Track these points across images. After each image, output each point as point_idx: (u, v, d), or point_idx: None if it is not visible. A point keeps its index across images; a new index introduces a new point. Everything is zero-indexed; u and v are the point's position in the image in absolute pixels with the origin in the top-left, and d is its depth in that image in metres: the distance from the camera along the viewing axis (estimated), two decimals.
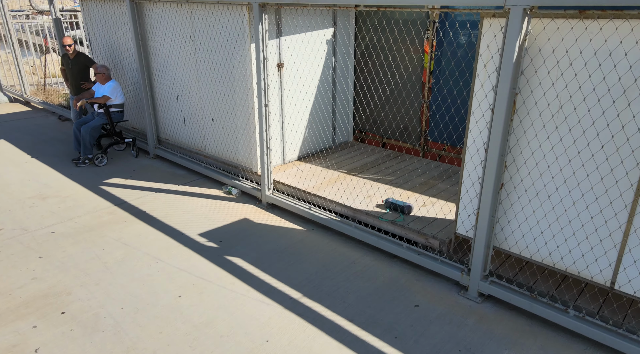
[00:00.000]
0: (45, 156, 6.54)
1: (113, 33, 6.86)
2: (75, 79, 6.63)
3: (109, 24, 6.85)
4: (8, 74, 11.70)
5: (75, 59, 6.57)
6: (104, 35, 7.07)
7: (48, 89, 11.27)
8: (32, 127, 7.96)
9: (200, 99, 5.77)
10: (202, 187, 5.66)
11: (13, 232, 4.41)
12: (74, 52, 6.54)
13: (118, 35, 6.76)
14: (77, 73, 6.60)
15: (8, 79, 11.49)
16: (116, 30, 6.76)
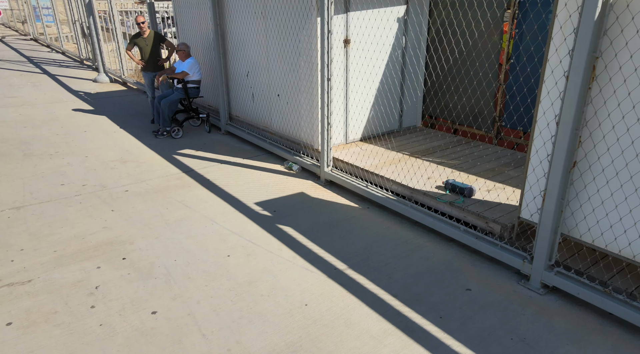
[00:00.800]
0: (131, 128, 7.13)
1: (196, 14, 7.26)
2: (152, 55, 7.11)
3: (193, 6, 7.26)
4: (112, 61, 12.97)
5: (149, 37, 7.04)
6: (189, 18, 7.51)
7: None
8: (124, 104, 8.72)
9: (268, 75, 5.90)
10: (265, 162, 5.79)
11: (94, 188, 4.85)
12: (148, 31, 7.02)
13: (200, 16, 7.14)
14: (153, 50, 7.08)
15: (112, 65, 12.72)
16: (199, 12, 7.14)
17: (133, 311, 2.92)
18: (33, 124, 7.07)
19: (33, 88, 9.71)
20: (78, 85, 10.24)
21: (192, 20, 7.42)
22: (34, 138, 6.41)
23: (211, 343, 2.67)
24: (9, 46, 16.68)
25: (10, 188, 4.75)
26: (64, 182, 4.97)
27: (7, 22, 25.20)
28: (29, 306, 2.93)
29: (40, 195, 4.62)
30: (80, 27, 12.73)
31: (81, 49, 13.42)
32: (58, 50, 15.78)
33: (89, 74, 11.74)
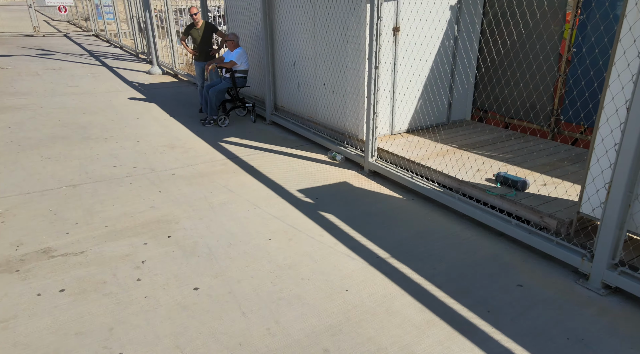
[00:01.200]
0: (180, 116, 7.33)
1: (246, 6, 7.35)
2: (204, 45, 7.27)
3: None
4: (165, 55, 13.48)
5: (202, 27, 7.20)
6: (239, 10, 7.62)
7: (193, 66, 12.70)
8: (175, 94, 9.01)
9: (314, 64, 5.87)
10: (309, 151, 5.77)
11: (144, 170, 5.01)
12: (201, 22, 7.18)
13: (250, 8, 7.23)
14: (204, 40, 7.24)
15: (165, 58, 13.22)
16: (249, 3, 7.23)
17: (176, 286, 2.97)
18: (91, 111, 7.43)
19: (92, 78, 10.24)
20: (133, 77, 10.68)
21: (242, 12, 7.53)
22: (91, 123, 6.73)
23: (250, 321, 2.66)
24: (73, 41, 17.72)
25: (69, 168, 5.00)
26: (117, 164, 5.17)
27: (72, 19, 26.81)
28: (81, 275, 3.05)
29: (95, 175, 4.83)
30: (137, 23, 13.29)
31: (137, 44, 14.01)
32: (116, 45, 16.59)
33: (143, 67, 12.23)
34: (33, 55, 13.39)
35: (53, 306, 2.73)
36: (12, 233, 3.58)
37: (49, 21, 28.33)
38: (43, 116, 7.01)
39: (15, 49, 14.60)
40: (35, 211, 3.96)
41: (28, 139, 5.88)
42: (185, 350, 2.42)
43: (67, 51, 14.57)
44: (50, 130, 6.32)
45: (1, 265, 3.14)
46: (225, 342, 2.49)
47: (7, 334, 2.48)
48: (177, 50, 11.06)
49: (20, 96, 8.30)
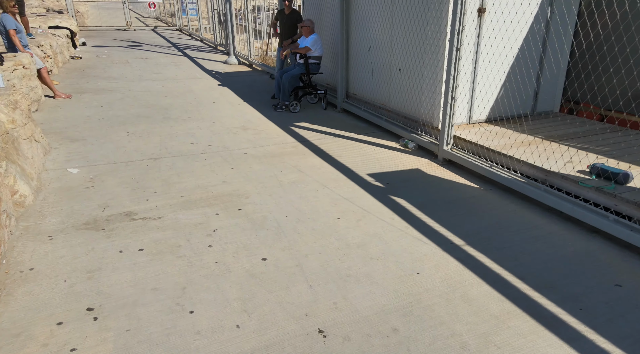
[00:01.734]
0: (253, 101, 7.50)
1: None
2: (287, 32, 7.39)
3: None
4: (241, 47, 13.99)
5: (289, 15, 7.30)
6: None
7: (267, 58, 13.01)
8: (249, 82, 9.26)
9: (390, 48, 5.70)
10: (380, 138, 5.63)
11: (218, 148, 5.17)
12: (290, 9, 7.27)
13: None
14: (288, 27, 7.34)
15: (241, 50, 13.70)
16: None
17: (245, 255, 2.99)
18: (172, 95, 7.84)
19: (175, 67, 10.83)
20: (211, 66, 11.15)
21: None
22: (172, 105, 7.09)
23: (317, 294, 2.60)
24: (159, 34, 18.94)
25: (151, 143, 5.28)
26: (193, 142, 5.38)
27: (159, 16, 28.76)
28: (158, 238, 3.18)
29: (173, 150, 5.06)
30: (218, 16, 13.87)
31: (216, 36, 14.63)
32: (197, 38, 17.46)
33: (220, 57, 12.74)
34: (124, 46, 14.47)
35: (132, 263, 2.86)
36: (100, 196, 3.83)
37: (140, 17, 30.61)
38: (130, 98, 7.51)
39: (110, 41, 15.88)
40: (120, 179, 4.22)
41: (117, 117, 6.32)
42: (253, 315, 2.41)
43: (154, 43, 15.58)
44: (136, 110, 6.74)
45: (89, 223, 3.37)
46: (292, 311, 2.45)
47: (92, 284, 2.64)
48: (253, 43, 11.42)
49: (112, 80, 8.98)
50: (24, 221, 3.36)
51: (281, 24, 7.46)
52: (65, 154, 4.83)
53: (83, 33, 18.11)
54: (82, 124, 5.92)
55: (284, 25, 7.41)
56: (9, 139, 3.85)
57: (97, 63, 10.97)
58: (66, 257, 2.90)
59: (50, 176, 4.25)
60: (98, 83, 8.60)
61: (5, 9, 6.66)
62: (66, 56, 10.94)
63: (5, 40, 6.75)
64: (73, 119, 6.16)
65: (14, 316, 2.34)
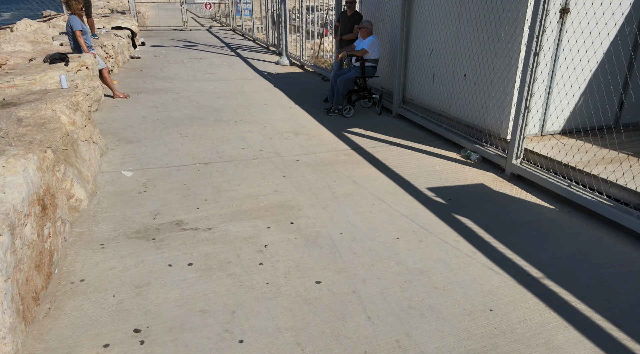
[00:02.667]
0: (305, 104, 7.34)
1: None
2: (347, 34, 7.18)
3: None
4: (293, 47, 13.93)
5: (351, 17, 7.08)
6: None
7: (319, 58, 12.86)
8: (301, 83, 9.12)
9: (455, 52, 5.32)
10: (439, 148, 5.28)
11: (269, 154, 5.02)
12: (352, 11, 7.05)
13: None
14: (349, 30, 7.12)
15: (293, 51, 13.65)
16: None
17: (298, 277, 2.79)
18: (224, 96, 7.84)
19: (227, 67, 10.91)
20: (263, 67, 11.14)
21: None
22: (224, 107, 7.06)
23: (377, 328, 2.34)
24: (214, 34, 19.33)
25: (202, 146, 5.23)
26: (244, 146, 5.27)
27: (214, 16, 29.47)
28: (208, 252, 3.05)
29: (224, 155, 4.97)
30: (272, 16, 13.88)
31: (269, 36, 14.67)
32: (250, 38, 17.64)
33: (272, 58, 12.72)
34: (180, 46, 14.83)
35: (181, 279, 2.73)
36: (152, 202, 3.77)
37: (196, 18, 31.54)
38: (184, 98, 7.57)
39: (167, 40, 16.36)
40: (171, 184, 4.16)
41: (170, 118, 6.36)
42: (307, 349, 2.19)
43: (208, 43, 15.88)
44: (190, 111, 6.76)
45: (140, 231, 3.29)
46: (350, 348, 2.21)
47: (140, 301, 2.53)
48: (305, 44, 11.31)
49: (167, 80, 9.14)
50: (77, 226, 3.34)
51: (342, 26, 7.25)
52: (120, 155, 4.86)
53: (143, 33, 18.81)
54: (138, 125, 5.99)
55: (344, 27, 7.21)
56: (68, 141, 3.88)
57: (154, 63, 11.26)
58: (116, 268, 2.82)
59: (105, 178, 4.26)
60: (154, 83, 8.77)
61: (73, 11, 6.89)
62: (126, 56, 11.31)
63: (71, 41, 6.99)
64: (129, 119, 6.26)
65: (62, 333, 2.25)
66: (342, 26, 7.21)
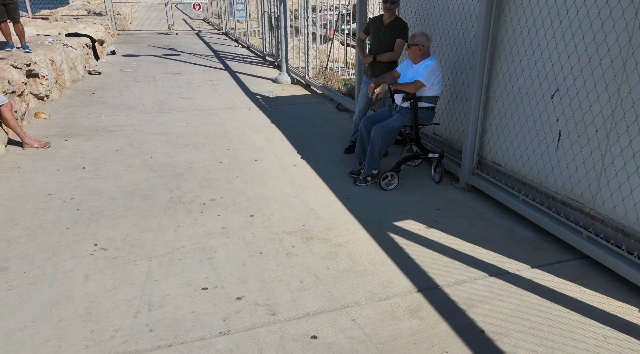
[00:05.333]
0: (317, 159, 4.79)
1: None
2: (382, 51, 4.56)
3: None
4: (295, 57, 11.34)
5: (390, 26, 4.48)
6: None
7: (328, 73, 10.29)
8: (307, 115, 6.57)
9: (614, 94, 2.76)
10: (587, 279, 2.74)
11: (255, 310, 2.47)
12: (391, 16, 4.47)
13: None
14: (385, 45, 4.53)
15: (295, 61, 11.06)
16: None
17: None
18: (196, 142, 5.29)
19: (211, 88, 8.35)
20: (257, 86, 8.58)
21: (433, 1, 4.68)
22: (191, 167, 4.51)
23: None
24: (202, 40, 16.77)
25: (126, 283, 2.68)
26: (209, 281, 2.72)
27: (207, 17, 26.89)
28: None
29: (167, 315, 2.42)
30: (269, 19, 11.33)
31: (265, 44, 12.12)
32: (244, 45, 15.08)
33: (269, 72, 10.17)
34: (159, 55, 12.28)
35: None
36: None
37: (187, 19, 28.87)
38: (135, 147, 5.03)
39: (146, 48, 13.80)
40: None
41: (94, 198, 3.80)
42: None
43: (194, 51, 13.32)
44: (133, 177, 4.22)
45: None
46: None
47: None
48: (311, 55, 8.74)
49: (122, 110, 6.59)
50: None
51: (374, 38, 4.64)
52: None
53: (120, 38, 16.25)
54: (28, 219, 3.42)
55: (379, 42, 4.57)
56: None
57: (116, 81, 8.70)
58: None
59: None
60: (102, 116, 6.22)
61: None
62: (80, 72, 8.75)
63: None
64: (18, 204, 3.68)
65: None
66: (374, 40, 4.60)
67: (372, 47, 4.65)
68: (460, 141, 4.32)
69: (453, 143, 4.49)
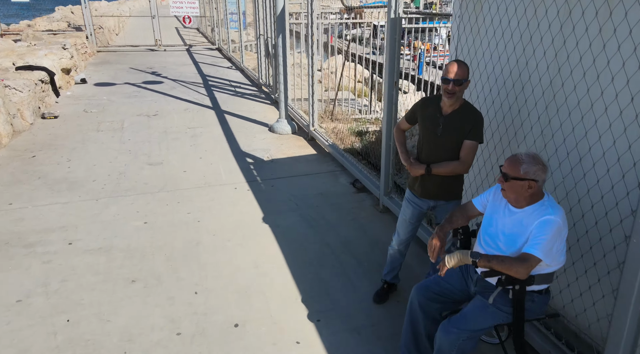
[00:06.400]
0: (333, 321, 3.02)
1: (532, 48, 2.75)
2: (440, 158, 2.78)
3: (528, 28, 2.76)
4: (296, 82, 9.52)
5: (454, 117, 2.69)
6: (506, 57, 3.05)
7: (337, 113, 8.49)
8: (313, 200, 4.81)
9: None
10: None
11: None
12: (456, 101, 2.69)
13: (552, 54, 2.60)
14: (445, 148, 2.74)
15: (295, 90, 9.23)
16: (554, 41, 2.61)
17: None
18: (150, 271, 3.53)
19: (190, 142, 6.59)
20: (249, 138, 6.82)
21: (516, 56, 2.93)
22: (131, 343, 2.75)
23: None
24: (192, 58, 15.00)
25: None
26: None
27: (201, 27, 25.12)
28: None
29: None
30: (265, 44, 9.58)
31: (261, 71, 10.36)
32: (237, 66, 13.30)
33: (265, 112, 8.40)
34: (138, 83, 10.53)
35: None
36: None
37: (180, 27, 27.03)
38: (49, 294, 3.27)
39: (125, 72, 12.05)
40: None
41: None
42: None
43: (179, 76, 11.57)
44: None
45: None
46: None
47: None
48: (316, 85, 6.79)
49: (62, 193, 4.84)
50: None
51: (426, 134, 2.79)
52: None
53: (100, 56, 14.50)
54: None
55: (434, 141, 2.74)
56: None
57: (73, 131, 6.94)
58: None
59: None
60: (26, 210, 4.45)
61: None
62: (27, 119, 7.00)
63: None
64: None
65: None
66: (427, 138, 2.77)
67: (421, 147, 2.87)
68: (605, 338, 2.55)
69: (586, 335, 2.70)
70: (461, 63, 2.63)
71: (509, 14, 2.95)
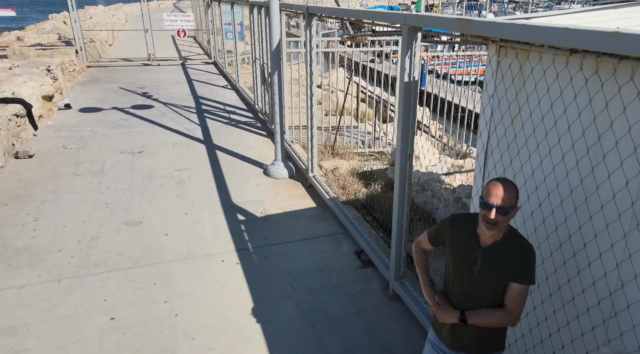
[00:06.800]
0: None
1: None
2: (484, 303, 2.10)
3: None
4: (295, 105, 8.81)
5: (497, 249, 1.99)
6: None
7: (338, 146, 7.79)
8: (309, 281, 4.14)
9: None
10: None
11: None
12: (498, 233, 2.01)
13: None
14: (485, 290, 2.05)
15: (293, 116, 8.58)
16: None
17: None
18: None
19: (175, 191, 5.92)
20: (240, 186, 6.15)
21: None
22: None
23: None
24: (186, 74, 14.34)
25: None
26: None
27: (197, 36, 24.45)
28: None
29: None
30: (261, 70, 8.91)
31: (257, 97, 9.70)
32: (233, 84, 12.62)
33: (260, 150, 7.72)
34: (126, 108, 9.88)
35: None
36: None
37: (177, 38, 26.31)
38: None
39: (115, 91, 11.40)
40: None
41: None
42: None
43: (171, 98, 10.91)
44: None
45: None
46: None
47: None
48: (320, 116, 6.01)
49: (20, 270, 4.17)
50: None
51: (458, 271, 2.09)
52: None
53: (90, 73, 13.85)
54: None
55: (469, 281, 2.05)
56: None
57: (46, 176, 6.27)
58: None
59: None
60: None
61: None
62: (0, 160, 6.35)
63: None
64: None
65: None
66: (460, 276, 2.08)
67: (452, 284, 2.18)
68: None
69: None
70: (507, 184, 1.95)
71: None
